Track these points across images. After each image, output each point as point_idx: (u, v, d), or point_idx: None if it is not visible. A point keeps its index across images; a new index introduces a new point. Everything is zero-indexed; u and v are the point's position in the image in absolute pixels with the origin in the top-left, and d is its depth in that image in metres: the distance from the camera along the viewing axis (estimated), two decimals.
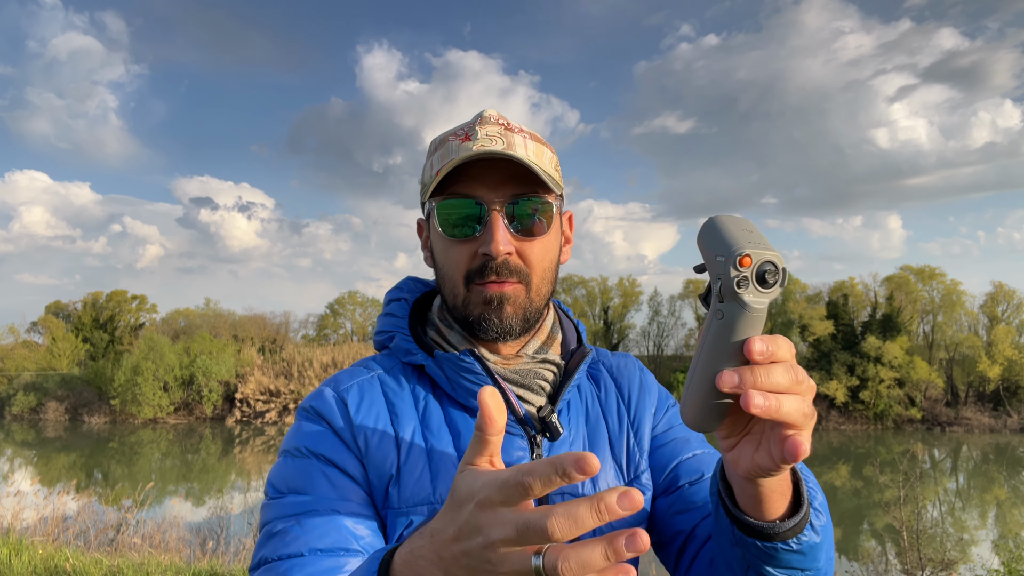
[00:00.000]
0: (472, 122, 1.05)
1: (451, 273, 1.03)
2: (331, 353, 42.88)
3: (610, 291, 49.71)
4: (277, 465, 1.00)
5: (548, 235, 1.04)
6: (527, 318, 1.03)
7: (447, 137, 1.05)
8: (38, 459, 30.13)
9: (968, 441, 36.07)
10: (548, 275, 1.05)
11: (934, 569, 9.51)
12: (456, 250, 1.02)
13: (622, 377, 1.17)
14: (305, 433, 1.00)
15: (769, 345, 0.62)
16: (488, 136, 1.00)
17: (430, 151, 1.09)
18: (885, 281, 44.49)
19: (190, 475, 26.64)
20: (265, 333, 52.31)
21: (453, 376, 1.02)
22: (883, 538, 17.08)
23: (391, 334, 1.11)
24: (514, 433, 1.01)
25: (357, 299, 56.35)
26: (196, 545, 9.43)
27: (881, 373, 38.87)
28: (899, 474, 11.69)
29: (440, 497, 0.96)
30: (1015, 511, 21.76)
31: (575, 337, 1.17)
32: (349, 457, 0.98)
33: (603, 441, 1.09)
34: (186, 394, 42.46)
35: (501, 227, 0.98)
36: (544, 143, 1.06)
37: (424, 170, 1.09)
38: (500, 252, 0.98)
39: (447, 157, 1.00)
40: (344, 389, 1.04)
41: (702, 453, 1.11)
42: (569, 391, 1.07)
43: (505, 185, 1.00)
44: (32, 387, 45.05)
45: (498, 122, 1.04)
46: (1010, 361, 39.64)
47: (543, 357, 1.07)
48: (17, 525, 9.21)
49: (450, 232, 1.01)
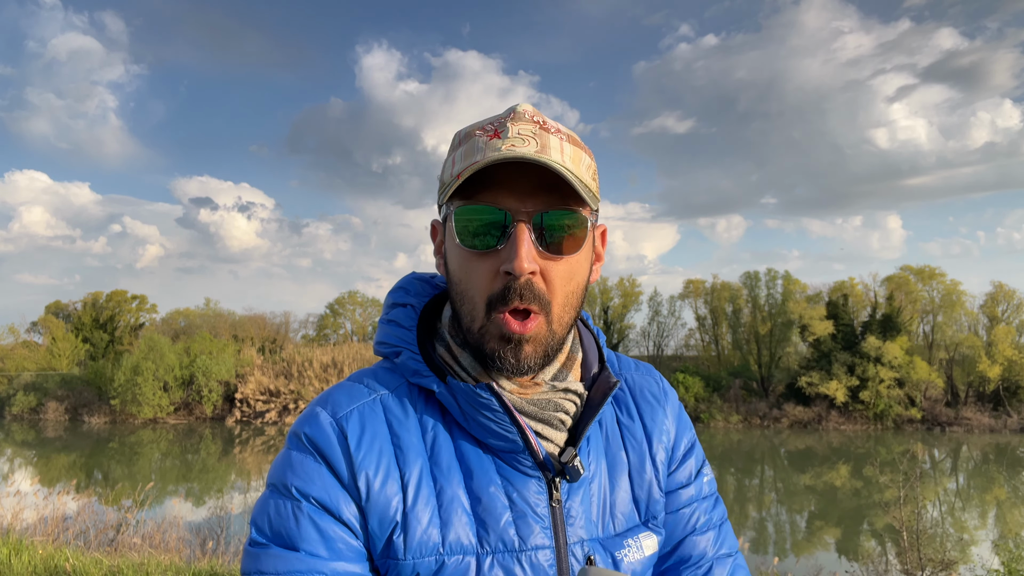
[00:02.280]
0: (504, 116, 0.93)
1: (471, 294, 0.92)
2: (331, 353, 42.85)
3: (610, 291, 49.70)
4: (263, 501, 0.92)
5: (579, 255, 0.92)
6: (547, 354, 0.93)
7: (474, 131, 0.93)
8: (38, 459, 30.13)
9: (968, 441, 36.06)
10: (572, 300, 0.94)
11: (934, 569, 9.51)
12: (475, 265, 0.90)
13: (645, 402, 1.08)
14: (296, 468, 0.90)
15: None
16: (520, 135, 0.89)
17: (453, 145, 0.97)
18: (885, 281, 44.47)
19: (190, 475, 26.64)
20: (265, 333, 52.28)
21: (468, 409, 0.92)
22: (883, 538, 17.08)
23: (397, 349, 0.99)
24: (531, 475, 0.93)
25: (357, 299, 56.36)
26: (196, 545, 9.43)
27: (881, 373, 38.86)
28: (899, 474, 11.68)
29: (450, 547, 0.88)
30: (1015, 511, 21.75)
31: (596, 354, 1.07)
32: (346, 502, 0.89)
33: (623, 475, 1.01)
34: (186, 394, 42.43)
35: (527, 242, 0.87)
36: (583, 147, 0.95)
37: (444, 166, 0.97)
38: (524, 270, 0.86)
39: (472, 156, 0.89)
40: (343, 416, 0.93)
41: (712, 527, 1.06)
42: (591, 427, 0.98)
43: (535, 193, 0.89)
44: (32, 387, 45.02)
45: (533, 119, 0.92)
46: (1010, 361, 39.60)
47: (564, 386, 0.97)
48: (17, 525, 9.20)
49: (469, 243, 0.90)
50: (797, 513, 22.44)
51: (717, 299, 47.60)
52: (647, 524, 1.01)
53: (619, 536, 0.97)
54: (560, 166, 0.86)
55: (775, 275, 45.81)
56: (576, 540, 0.93)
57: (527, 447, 0.92)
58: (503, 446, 0.92)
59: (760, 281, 46.19)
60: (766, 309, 45.62)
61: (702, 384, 42.07)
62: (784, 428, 39.75)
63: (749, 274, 46.68)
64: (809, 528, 20.26)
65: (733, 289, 47.23)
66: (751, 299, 46.38)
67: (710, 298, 48.15)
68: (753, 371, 44.59)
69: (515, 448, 0.92)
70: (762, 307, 45.81)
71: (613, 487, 1.00)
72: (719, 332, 48.31)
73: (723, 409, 41.26)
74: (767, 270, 46.24)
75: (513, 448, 0.92)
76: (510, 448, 0.92)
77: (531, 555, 0.90)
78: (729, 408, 41.46)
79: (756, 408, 41.50)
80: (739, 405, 41.66)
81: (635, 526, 1.00)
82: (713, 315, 48.15)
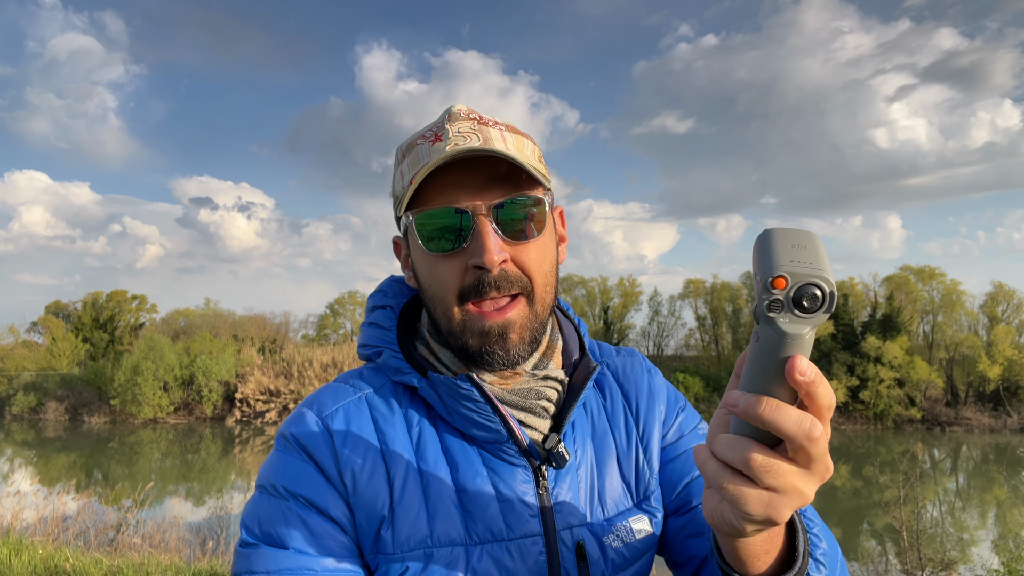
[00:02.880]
0: (440, 120, 0.94)
1: (440, 294, 0.91)
2: (331, 353, 42.84)
3: (610, 291, 49.72)
4: (253, 501, 0.92)
5: (544, 236, 0.93)
6: (534, 338, 0.93)
7: (414, 141, 0.94)
8: (38, 459, 30.14)
9: (968, 441, 36.06)
10: (550, 280, 0.94)
11: (934, 569, 9.51)
12: (443, 267, 0.90)
13: (628, 383, 1.08)
14: (284, 468, 0.91)
15: (812, 374, 0.56)
16: (461, 133, 0.89)
17: (397, 159, 0.97)
18: (885, 281, 44.51)
19: (190, 475, 26.64)
20: (265, 333, 52.29)
21: (450, 402, 0.92)
22: (883, 538, 17.08)
23: (378, 349, 1.00)
24: (516, 464, 0.93)
25: (357, 299, 56.34)
26: (196, 545, 9.44)
27: (881, 373, 38.86)
28: (899, 474, 11.68)
29: (438, 539, 0.88)
30: (1015, 511, 21.75)
31: (576, 342, 1.07)
32: (333, 498, 0.89)
33: (611, 459, 1.01)
34: (186, 394, 42.44)
35: (491, 234, 0.87)
36: (523, 134, 0.95)
37: (394, 182, 0.97)
38: (494, 262, 0.86)
39: (418, 163, 0.89)
40: (328, 415, 0.93)
41: None
42: (575, 412, 0.98)
43: (489, 186, 0.89)
44: (32, 387, 45.03)
45: (469, 116, 0.93)
46: (1010, 361, 39.62)
47: (544, 373, 0.97)
48: (17, 525, 9.20)
49: (434, 247, 0.89)
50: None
51: (717, 299, 47.62)
52: (640, 506, 1.00)
53: (609, 521, 0.96)
54: (506, 153, 0.86)
55: None
56: (565, 527, 0.93)
57: (511, 436, 0.92)
58: (487, 436, 0.93)
59: None
60: None
61: (702, 384, 42.06)
62: None
63: (749, 274, 46.58)
64: None
65: (733, 289, 47.25)
66: (751, 299, 46.30)
67: (710, 298, 48.18)
68: None
69: (499, 438, 0.92)
70: None
71: (601, 472, 0.99)
72: (719, 332, 48.32)
73: None
74: None
75: (497, 438, 0.92)
76: (494, 438, 0.92)
77: (520, 544, 0.90)
78: None
79: None
80: None
81: (626, 510, 0.99)
82: (713, 315, 48.17)
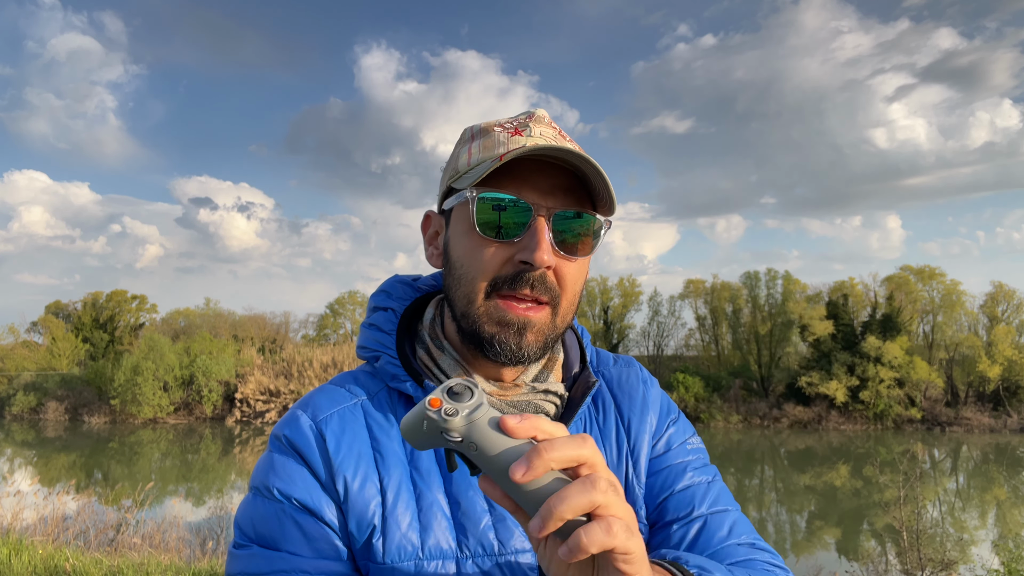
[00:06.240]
0: (523, 117, 0.95)
1: (473, 275, 0.91)
2: (331, 353, 42.84)
3: (610, 291, 49.68)
4: (246, 503, 0.91)
5: (587, 259, 0.94)
6: (547, 345, 0.93)
7: (491, 127, 0.95)
8: (38, 459, 30.13)
9: (968, 441, 36.06)
10: (575, 300, 0.95)
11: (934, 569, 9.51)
12: (487, 251, 0.90)
13: (622, 394, 1.07)
14: (277, 470, 0.90)
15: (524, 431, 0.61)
16: (543, 136, 0.91)
17: (464, 138, 0.99)
18: (885, 281, 44.47)
19: (190, 475, 26.63)
20: (265, 333, 52.29)
21: None
22: (883, 538, 17.08)
23: (376, 353, 1.00)
24: None
25: (357, 299, 56.32)
26: (196, 545, 9.44)
27: (881, 373, 38.85)
28: (899, 474, 11.67)
29: (429, 551, 0.87)
30: (1015, 511, 21.75)
31: (578, 353, 1.07)
32: (327, 502, 0.88)
33: None
34: (186, 394, 42.42)
35: (547, 236, 0.88)
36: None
37: (457, 156, 0.98)
38: (544, 262, 0.87)
39: (493, 148, 0.91)
40: (323, 420, 0.92)
41: (696, 484, 1.01)
42: (570, 428, 0.97)
43: (553, 192, 0.90)
44: (32, 387, 45.01)
45: (551, 125, 0.95)
46: (1010, 361, 39.60)
47: (545, 387, 0.97)
48: (17, 525, 9.20)
49: (491, 228, 0.89)
50: (797, 513, 22.44)
51: (717, 299, 47.60)
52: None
53: None
54: (602, 172, 0.87)
55: (775, 275, 45.86)
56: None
57: None
58: None
59: (760, 281, 46.22)
60: (766, 309, 45.63)
61: (702, 384, 42.05)
62: (784, 428, 39.75)
63: (749, 274, 46.70)
64: (809, 528, 20.27)
65: (733, 289, 47.23)
66: (751, 299, 46.38)
67: (710, 298, 48.15)
68: (753, 371, 44.59)
69: None
70: (762, 307, 45.82)
71: None
72: (719, 332, 48.31)
73: (723, 409, 41.25)
74: (767, 270, 46.36)
75: None
76: None
77: (511, 559, 0.89)
78: (729, 408, 41.45)
79: (756, 408, 41.50)
80: (739, 405, 41.65)
81: None
82: (713, 315, 48.15)
